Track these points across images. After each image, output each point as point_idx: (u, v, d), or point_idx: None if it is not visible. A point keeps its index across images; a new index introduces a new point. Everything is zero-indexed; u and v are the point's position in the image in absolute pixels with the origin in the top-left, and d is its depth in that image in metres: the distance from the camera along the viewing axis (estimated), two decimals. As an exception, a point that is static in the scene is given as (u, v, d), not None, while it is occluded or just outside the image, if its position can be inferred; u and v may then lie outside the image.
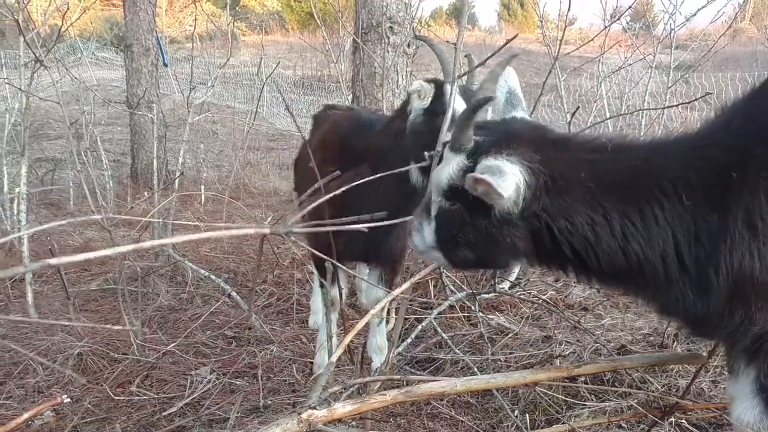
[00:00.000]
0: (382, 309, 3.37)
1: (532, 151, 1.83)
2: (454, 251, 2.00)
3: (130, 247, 1.42)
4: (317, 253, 2.16)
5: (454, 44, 2.39)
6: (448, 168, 1.91)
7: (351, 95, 5.95)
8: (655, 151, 1.90)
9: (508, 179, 1.77)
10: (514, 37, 2.15)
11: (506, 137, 1.88)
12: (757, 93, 1.88)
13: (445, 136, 2.39)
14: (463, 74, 2.44)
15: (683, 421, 2.77)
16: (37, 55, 4.02)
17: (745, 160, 1.71)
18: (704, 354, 2.70)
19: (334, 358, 2.18)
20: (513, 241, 1.90)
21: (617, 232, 1.81)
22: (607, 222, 1.81)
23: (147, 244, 1.40)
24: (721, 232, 1.72)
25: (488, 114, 2.12)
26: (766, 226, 1.67)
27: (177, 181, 5.27)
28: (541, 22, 6.29)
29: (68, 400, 1.86)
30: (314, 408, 1.94)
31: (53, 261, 1.34)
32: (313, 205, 1.62)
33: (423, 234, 2.06)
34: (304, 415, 1.91)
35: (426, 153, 2.38)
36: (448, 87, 2.59)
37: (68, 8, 4.95)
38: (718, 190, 1.74)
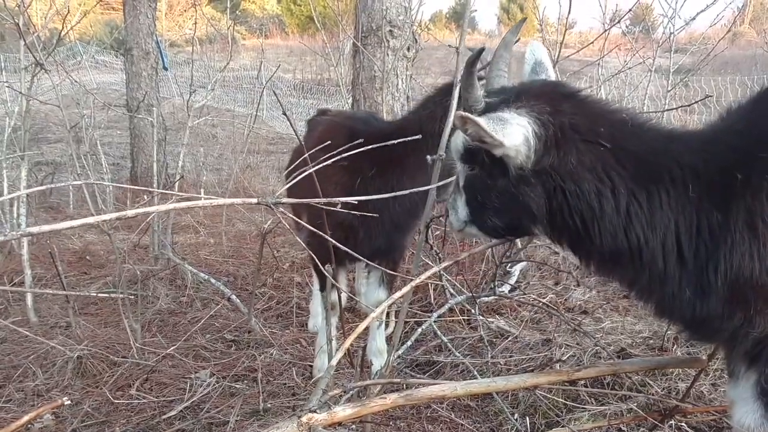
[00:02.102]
0: (382, 312, 3.37)
1: (542, 102, 1.84)
2: (484, 220, 2.03)
3: (114, 215, 1.43)
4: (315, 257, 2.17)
5: (456, 47, 2.40)
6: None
7: (351, 99, 5.96)
8: (672, 138, 1.91)
9: (513, 127, 1.78)
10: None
11: (517, 94, 1.89)
12: (763, 96, 1.89)
13: (448, 138, 2.41)
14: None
15: (683, 424, 2.77)
16: (38, 58, 4.02)
17: (749, 162, 1.72)
18: (704, 357, 2.69)
19: (334, 362, 2.18)
20: (531, 201, 1.89)
21: (622, 207, 1.82)
22: (614, 195, 1.81)
23: (131, 212, 1.40)
24: (723, 230, 1.73)
25: (506, 81, 2.10)
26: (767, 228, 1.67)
27: (176, 184, 5.28)
28: (541, 25, 6.30)
29: (68, 402, 1.86)
30: (314, 411, 1.94)
31: (34, 229, 1.38)
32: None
33: (457, 209, 2.10)
34: (304, 419, 1.91)
35: (428, 157, 2.38)
36: None
37: (68, 12, 4.96)
38: (721, 188, 1.75)
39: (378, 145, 2.53)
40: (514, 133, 1.79)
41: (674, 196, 1.78)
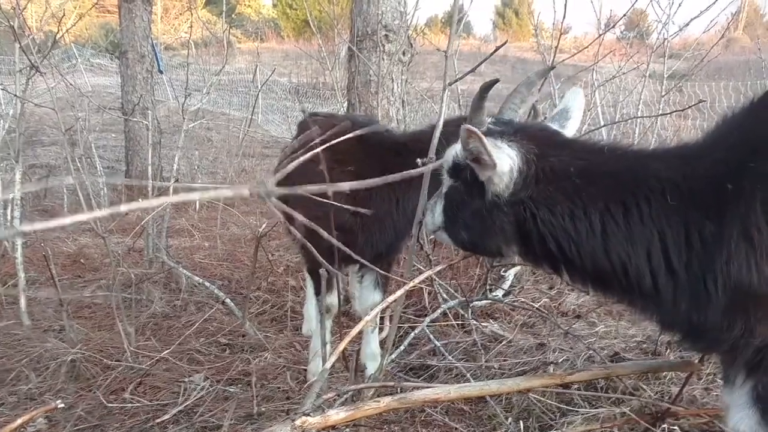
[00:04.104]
0: (376, 316, 3.38)
1: (533, 145, 1.93)
2: (456, 231, 2.13)
3: (106, 211, 1.43)
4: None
5: (445, 52, 2.41)
6: (457, 146, 2.01)
7: (346, 103, 5.96)
8: (649, 156, 1.96)
9: (503, 155, 1.88)
10: (504, 43, 2.18)
11: (514, 130, 1.99)
12: (756, 106, 1.90)
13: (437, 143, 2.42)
14: (455, 81, 2.46)
15: (675, 427, 2.77)
16: (33, 61, 4.02)
17: (740, 172, 1.72)
18: (696, 361, 2.71)
19: (328, 365, 2.18)
20: (502, 226, 1.99)
21: (597, 227, 1.86)
22: (586, 216, 1.87)
23: (124, 207, 1.40)
24: (717, 241, 1.73)
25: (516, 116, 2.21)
26: (763, 237, 1.67)
27: (171, 187, 5.27)
28: (536, 30, 6.32)
29: (62, 405, 1.86)
30: (308, 415, 1.95)
31: (26, 227, 1.38)
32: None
33: (435, 212, 2.20)
34: (297, 422, 1.92)
35: (419, 160, 2.40)
36: None
37: (64, 14, 4.95)
38: (712, 199, 1.75)
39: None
40: (504, 160, 1.88)
41: (655, 206, 1.81)
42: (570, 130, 2.18)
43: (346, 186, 1.25)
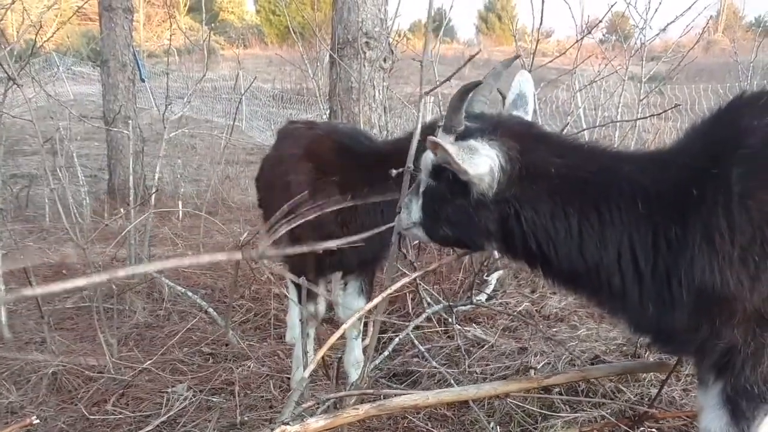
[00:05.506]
0: (359, 321, 3.39)
1: (514, 141, 1.93)
2: (435, 227, 2.13)
3: (101, 278, 1.43)
4: (291, 274, 2.18)
5: (420, 61, 2.43)
6: None
7: (328, 109, 5.97)
8: (623, 160, 2.00)
9: (480, 159, 1.88)
10: (477, 53, 2.21)
11: (494, 127, 1.98)
12: (721, 114, 1.95)
13: (415, 150, 2.44)
14: (431, 90, 2.47)
15: (654, 429, 2.81)
16: (10, 73, 4.00)
17: (704, 178, 1.77)
18: (671, 362, 2.74)
19: (306, 374, 2.19)
20: (486, 224, 2.00)
21: (574, 229, 1.89)
22: (566, 217, 1.90)
23: (121, 272, 1.41)
24: (682, 245, 1.77)
25: (486, 108, 2.21)
26: (725, 241, 1.71)
27: (154, 196, 5.25)
28: (515, 36, 6.37)
29: (37, 421, 1.85)
30: (287, 424, 1.96)
31: (11, 297, 1.38)
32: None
33: (411, 209, 2.20)
34: (277, 431, 1.92)
35: (393, 171, 2.42)
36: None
37: (41, 26, 4.93)
38: (678, 204, 1.80)
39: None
40: (481, 163, 1.88)
41: (625, 210, 1.84)
42: (528, 115, 2.21)
43: (332, 244, 1.24)
